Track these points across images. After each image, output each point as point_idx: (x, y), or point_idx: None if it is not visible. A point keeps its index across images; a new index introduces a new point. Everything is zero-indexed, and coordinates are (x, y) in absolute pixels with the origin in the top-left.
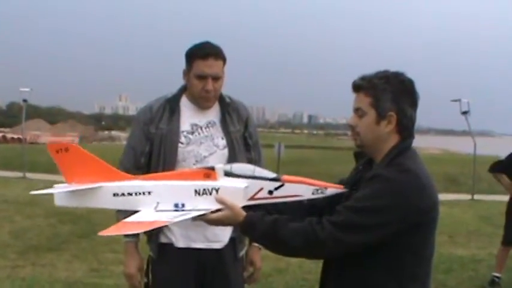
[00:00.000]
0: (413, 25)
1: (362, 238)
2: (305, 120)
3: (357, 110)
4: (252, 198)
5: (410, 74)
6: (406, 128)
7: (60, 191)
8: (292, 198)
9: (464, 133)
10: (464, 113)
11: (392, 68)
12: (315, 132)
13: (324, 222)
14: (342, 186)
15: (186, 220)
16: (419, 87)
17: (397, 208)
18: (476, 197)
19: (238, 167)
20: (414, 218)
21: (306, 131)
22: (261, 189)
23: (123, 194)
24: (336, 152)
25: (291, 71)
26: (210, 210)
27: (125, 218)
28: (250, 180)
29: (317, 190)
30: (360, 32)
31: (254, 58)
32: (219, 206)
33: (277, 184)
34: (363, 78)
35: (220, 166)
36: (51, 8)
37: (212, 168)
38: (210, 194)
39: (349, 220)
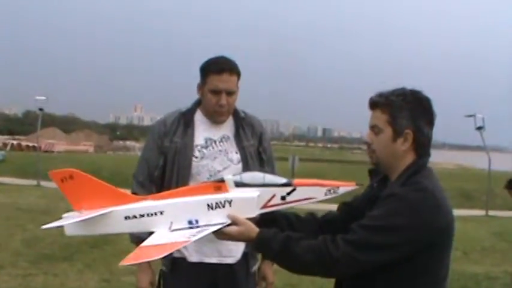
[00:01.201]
0: (428, 37)
1: (377, 257)
2: (319, 133)
3: (373, 127)
4: (265, 206)
5: (424, 87)
6: (422, 146)
7: (71, 222)
8: (306, 201)
9: (478, 148)
10: (479, 128)
11: (406, 82)
12: (329, 145)
13: (338, 240)
14: (353, 184)
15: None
16: (434, 100)
17: (413, 227)
18: (490, 212)
19: (248, 176)
20: (430, 238)
21: (320, 145)
22: (274, 196)
23: (135, 217)
24: (351, 166)
25: (306, 84)
26: (225, 224)
27: (138, 236)
28: (261, 188)
29: (329, 190)
30: (374, 44)
31: (268, 71)
32: None
33: (289, 189)
34: (380, 95)
35: (230, 177)
36: (67, 17)
37: (222, 180)
38: (223, 206)
39: (364, 239)
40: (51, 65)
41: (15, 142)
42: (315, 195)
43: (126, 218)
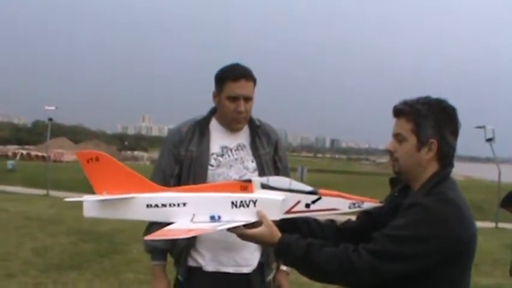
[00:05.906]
0: (435, 48)
1: (400, 268)
2: (327, 144)
3: (397, 136)
4: (289, 211)
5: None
6: (446, 156)
7: (92, 199)
8: (329, 211)
9: (488, 160)
10: (489, 140)
11: (412, 93)
12: (337, 156)
13: (360, 250)
14: (377, 201)
15: (225, 229)
16: None
17: (436, 238)
18: (500, 225)
19: (275, 180)
20: (453, 249)
21: (328, 155)
22: (298, 202)
23: (156, 206)
24: (359, 176)
25: (313, 94)
26: (248, 222)
27: (153, 245)
28: (287, 193)
29: (354, 204)
30: (380, 56)
31: (277, 81)
32: (256, 219)
33: (315, 197)
34: (405, 103)
35: (257, 178)
36: (74, 27)
37: (249, 181)
38: (248, 206)
39: (387, 249)
40: (60, 75)
41: (24, 152)
42: (339, 207)
43: (148, 206)
